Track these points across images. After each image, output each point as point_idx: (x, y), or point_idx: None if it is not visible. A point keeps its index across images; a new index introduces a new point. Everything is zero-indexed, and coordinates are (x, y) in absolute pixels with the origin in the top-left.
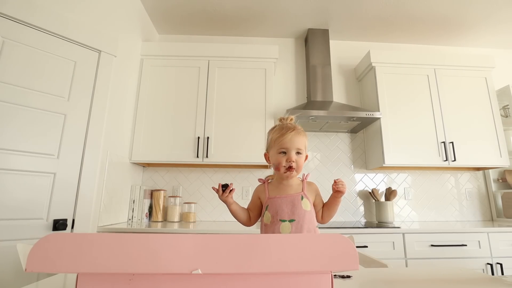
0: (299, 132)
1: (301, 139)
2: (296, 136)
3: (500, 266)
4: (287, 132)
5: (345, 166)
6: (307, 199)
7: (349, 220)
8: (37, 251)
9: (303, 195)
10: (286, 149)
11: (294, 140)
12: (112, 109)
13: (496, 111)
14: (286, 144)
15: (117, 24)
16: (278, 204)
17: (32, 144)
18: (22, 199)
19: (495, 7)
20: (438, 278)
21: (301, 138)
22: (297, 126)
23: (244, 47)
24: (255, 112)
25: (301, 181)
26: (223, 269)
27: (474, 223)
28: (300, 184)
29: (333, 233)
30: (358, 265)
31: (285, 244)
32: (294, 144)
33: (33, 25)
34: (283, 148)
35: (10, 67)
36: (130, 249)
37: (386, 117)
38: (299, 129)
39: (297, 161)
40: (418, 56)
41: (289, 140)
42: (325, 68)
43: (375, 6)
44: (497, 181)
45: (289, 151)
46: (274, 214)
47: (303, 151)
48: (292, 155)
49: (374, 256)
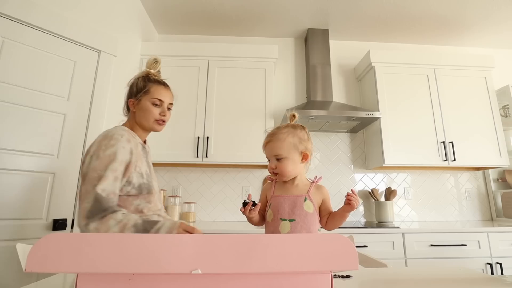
0: (276, 138)
1: (277, 145)
2: (271, 144)
3: (500, 266)
4: (265, 141)
5: (344, 166)
6: (310, 201)
7: (349, 219)
8: (36, 251)
9: (306, 197)
10: (267, 158)
11: (269, 148)
12: (112, 109)
13: (496, 111)
14: (265, 153)
15: (116, 24)
16: (280, 202)
17: (32, 144)
18: (22, 199)
19: (494, 6)
20: (438, 278)
21: (277, 144)
22: (277, 131)
23: (243, 47)
24: (255, 112)
25: (311, 183)
26: (223, 269)
27: (473, 223)
28: (308, 186)
29: (333, 233)
30: (358, 265)
31: (285, 244)
32: (270, 152)
33: (33, 25)
34: (266, 156)
35: (10, 67)
36: (129, 249)
37: (386, 117)
38: (280, 133)
39: (278, 167)
40: (417, 56)
41: (266, 149)
42: (325, 68)
43: (374, 6)
44: (497, 181)
45: (270, 159)
46: (275, 212)
47: (285, 154)
48: (272, 162)
49: (374, 256)
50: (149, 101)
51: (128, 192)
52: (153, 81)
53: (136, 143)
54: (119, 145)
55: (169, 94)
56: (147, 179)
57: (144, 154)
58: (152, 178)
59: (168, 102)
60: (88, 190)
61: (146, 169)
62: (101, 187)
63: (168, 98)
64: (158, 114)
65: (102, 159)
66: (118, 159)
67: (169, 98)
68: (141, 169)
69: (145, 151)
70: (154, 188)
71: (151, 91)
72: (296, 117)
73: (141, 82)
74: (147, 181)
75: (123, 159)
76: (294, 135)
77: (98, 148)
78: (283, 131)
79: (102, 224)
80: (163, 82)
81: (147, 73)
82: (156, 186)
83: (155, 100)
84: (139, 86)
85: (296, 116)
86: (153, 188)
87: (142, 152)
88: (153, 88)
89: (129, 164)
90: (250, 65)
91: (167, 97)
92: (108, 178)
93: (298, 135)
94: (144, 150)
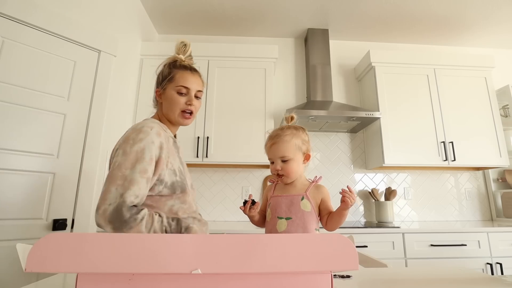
0: (281, 140)
1: (283, 147)
2: (276, 146)
3: (500, 266)
4: (268, 143)
5: (344, 166)
6: (307, 200)
7: (349, 219)
8: (36, 251)
9: (304, 196)
10: (271, 159)
11: (275, 150)
12: (112, 109)
13: (496, 111)
14: (269, 155)
15: (116, 24)
16: (278, 202)
17: (32, 144)
18: (22, 199)
19: (494, 6)
20: (438, 278)
21: (283, 146)
22: (281, 133)
23: (244, 46)
24: (255, 111)
25: (310, 182)
26: (222, 269)
27: (473, 223)
28: (306, 186)
29: (333, 233)
30: (358, 265)
31: (285, 244)
32: (276, 153)
33: (33, 25)
34: (269, 158)
35: (10, 67)
36: (130, 249)
37: (386, 117)
38: (284, 135)
39: (284, 169)
40: (417, 56)
41: (271, 151)
42: (325, 68)
43: (374, 6)
44: (497, 181)
45: (274, 161)
46: (273, 211)
47: (291, 155)
48: (277, 164)
49: (374, 256)
50: (173, 89)
51: (160, 192)
52: (178, 66)
53: (167, 137)
54: (148, 140)
55: (197, 80)
56: (180, 177)
57: (176, 149)
58: (185, 176)
59: (195, 90)
60: (111, 190)
61: (179, 166)
62: (131, 194)
63: (195, 84)
64: (184, 104)
65: (128, 156)
66: (146, 157)
67: (196, 84)
68: (174, 165)
69: (176, 146)
70: (188, 187)
71: (176, 78)
72: (294, 118)
73: (167, 69)
74: (180, 178)
75: (152, 156)
76: (298, 137)
77: (125, 142)
78: (287, 132)
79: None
80: (189, 66)
81: (173, 59)
82: (190, 185)
83: (180, 88)
84: (164, 74)
85: (294, 117)
86: (187, 186)
87: (173, 147)
88: (178, 74)
89: (159, 160)
90: (250, 65)
91: (194, 83)
92: (137, 182)
93: (301, 137)
94: (175, 144)
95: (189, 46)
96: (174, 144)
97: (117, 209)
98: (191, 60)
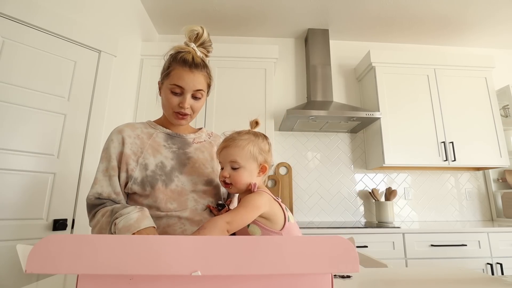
0: (235, 144)
1: (235, 151)
2: (227, 149)
3: (500, 266)
4: (221, 145)
5: (345, 166)
6: (254, 224)
7: (349, 220)
8: (37, 252)
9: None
10: (221, 164)
11: (225, 154)
12: (112, 109)
13: (496, 111)
14: (219, 159)
15: (117, 24)
16: None
17: (32, 144)
18: (22, 199)
19: (495, 7)
20: (438, 278)
21: (235, 150)
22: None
23: (244, 47)
24: (255, 112)
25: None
26: (223, 271)
27: (474, 223)
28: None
29: (334, 234)
30: (359, 267)
31: (285, 246)
32: (226, 158)
33: (33, 25)
34: (219, 162)
35: (10, 67)
36: (130, 250)
37: (386, 117)
38: (240, 139)
39: (232, 176)
40: (418, 56)
41: (221, 154)
42: (325, 68)
43: (375, 6)
44: (497, 181)
45: (224, 166)
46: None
47: (242, 163)
48: (225, 170)
49: (374, 256)
50: (168, 87)
51: (132, 189)
52: (178, 61)
53: (148, 133)
54: (108, 139)
55: (197, 78)
56: (153, 172)
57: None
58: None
59: (192, 89)
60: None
61: (162, 161)
62: (93, 192)
63: (192, 83)
64: (176, 105)
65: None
66: (106, 156)
67: (194, 83)
68: (147, 160)
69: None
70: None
71: (171, 75)
72: (258, 124)
73: (167, 61)
74: (152, 173)
75: (111, 153)
76: (255, 144)
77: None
78: (243, 137)
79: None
80: (190, 62)
81: (177, 49)
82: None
83: (173, 86)
84: (164, 66)
85: (258, 123)
86: (159, 182)
87: (162, 141)
88: (174, 71)
89: (122, 155)
90: (250, 65)
91: (190, 82)
92: (99, 180)
93: (259, 145)
94: (173, 140)
95: (202, 33)
96: (170, 139)
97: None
98: (206, 48)
